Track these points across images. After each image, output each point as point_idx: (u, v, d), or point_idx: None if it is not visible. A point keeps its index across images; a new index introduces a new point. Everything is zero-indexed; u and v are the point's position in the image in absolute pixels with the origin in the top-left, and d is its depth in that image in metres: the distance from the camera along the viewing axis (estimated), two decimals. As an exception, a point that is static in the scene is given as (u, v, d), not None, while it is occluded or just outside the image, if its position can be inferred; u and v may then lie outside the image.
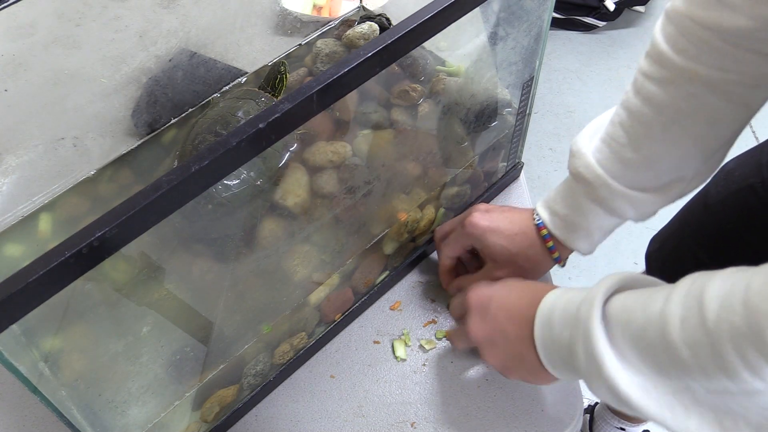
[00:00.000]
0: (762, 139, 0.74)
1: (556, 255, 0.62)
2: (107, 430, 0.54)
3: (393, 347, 0.68)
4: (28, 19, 0.61)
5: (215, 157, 0.38)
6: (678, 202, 0.87)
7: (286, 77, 0.72)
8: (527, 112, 0.74)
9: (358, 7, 0.86)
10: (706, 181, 0.57)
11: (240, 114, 0.67)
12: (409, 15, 0.46)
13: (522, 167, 0.82)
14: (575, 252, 0.63)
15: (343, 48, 0.79)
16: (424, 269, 0.74)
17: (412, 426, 0.63)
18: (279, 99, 0.50)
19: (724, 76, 0.48)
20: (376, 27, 0.78)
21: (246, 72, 0.78)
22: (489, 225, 0.63)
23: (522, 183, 0.82)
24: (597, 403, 1.24)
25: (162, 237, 0.62)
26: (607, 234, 0.61)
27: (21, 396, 0.66)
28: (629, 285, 0.48)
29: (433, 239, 0.72)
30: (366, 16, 0.83)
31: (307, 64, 0.79)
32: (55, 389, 0.50)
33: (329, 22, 0.83)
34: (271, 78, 0.73)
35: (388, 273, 0.71)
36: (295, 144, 0.69)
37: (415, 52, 0.77)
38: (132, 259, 0.57)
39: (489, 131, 0.74)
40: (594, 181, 0.56)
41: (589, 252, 0.62)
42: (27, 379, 0.40)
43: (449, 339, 0.67)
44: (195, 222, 0.63)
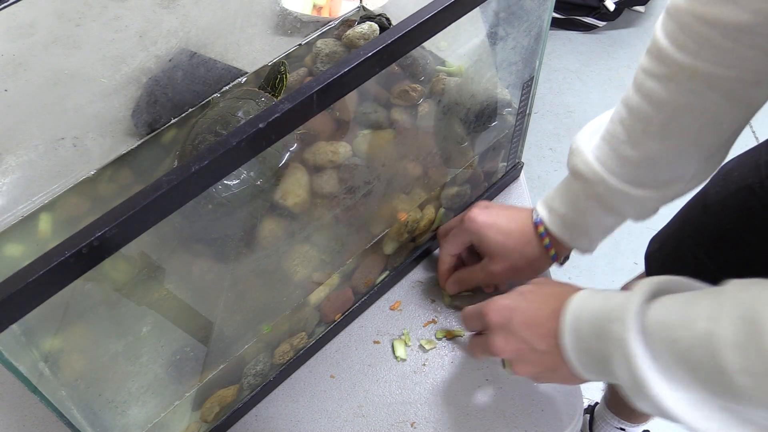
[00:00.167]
0: (762, 139, 0.74)
1: (552, 253, 0.62)
2: (107, 430, 0.54)
3: (393, 347, 0.68)
4: (28, 19, 0.61)
5: (215, 157, 0.38)
6: (677, 202, 0.87)
7: (286, 77, 0.72)
8: (527, 112, 0.74)
9: (358, 7, 0.86)
10: (705, 181, 0.57)
11: (240, 114, 0.67)
12: (409, 15, 0.46)
13: (522, 167, 0.82)
14: (575, 251, 0.63)
15: (343, 48, 0.79)
16: (424, 269, 0.74)
17: (412, 426, 0.63)
18: (279, 99, 0.50)
19: (724, 72, 0.48)
20: (376, 27, 0.78)
21: (246, 72, 0.78)
22: (487, 220, 0.64)
23: (522, 183, 0.83)
24: (597, 403, 1.25)
25: (162, 237, 0.62)
26: (606, 233, 0.61)
27: (21, 396, 0.66)
28: (662, 291, 0.46)
29: (436, 238, 0.72)
30: (366, 16, 0.83)
31: (307, 64, 0.79)
32: (55, 389, 0.50)
33: (329, 22, 0.83)
34: (271, 78, 0.73)
35: (388, 273, 0.71)
36: (295, 144, 0.69)
37: (415, 52, 0.77)
38: (132, 259, 0.57)
39: (489, 131, 0.74)
40: (592, 178, 0.56)
41: (588, 251, 0.62)
42: (27, 379, 0.40)
43: (468, 349, 0.65)
44: (195, 222, 0.63)
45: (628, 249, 1.63)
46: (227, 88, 0.77)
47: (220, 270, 0.63)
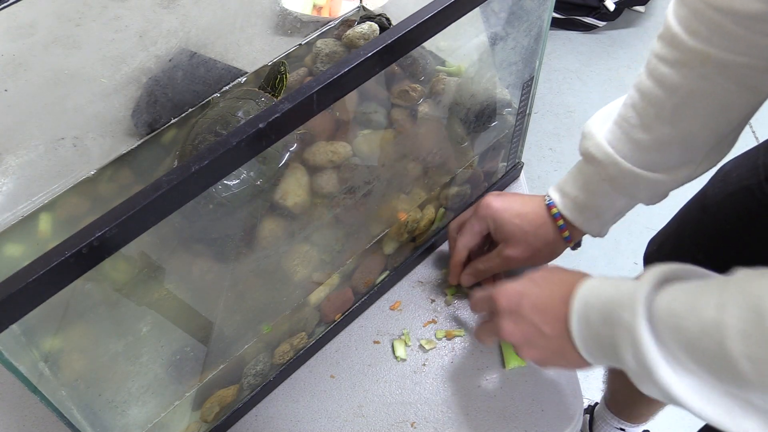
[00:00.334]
0: (762, 139, 0.74)
1: (566, 234, 0.63)
2: (107, 430, 0.54)
3: (393, 347, 0.68)
4: (28, 19, 0.61)
5: (215, 157, 0.38)
6: (677, 202, 0.87)
7: (286, 77, 0.72)
8: (527, 112, 0.74)
9: (358, 7, 0.86)
10: (716, 165, 0.58)
11: (240, 114, 0.67)
12: (409, 15, 0.46)
13: (522, 167, 0.82)
14: (587, 235, 0.63)
15: (343, 48, 0.79)
16: (424, 269, 0.74)
17: (412, 426, 0.63)
18: (279, 99, 0.50)
19: (736, 59, 0.48)
20: (376, 27, 0.78)
21: (246, 72, 0.78)
22: (503, 205, 0.64)
23: (522, 183, 0.83)
24: (597, 403, 1.24)
25: (162, 237, 0.62)
26: (618, 216, 0.62)
27: (21, 396, 0.66)
28: (670, 278, 0.47)
29: (447, 236, 0.72)
30: (366, 16, 0.83)
31: (307, 64, 0.79)
32: (55, 389, 0.50)
33: (329, 22, 0.83)
34: (271, 78, 0.73)
35: (388, 273, 0.71)
36: (295, 144, 0.69)
37: (415, 52, 0.77)
38: (132, 259, 0.57)
39: (489, 131, 0.74)
40: (604, 160, 0.57)
41: (600, 234, 0.63)
42: (27, 379, 0.40)
43: (476, 334, 0.66)
44: (195, 222, 0.63)
45: (628, 249, 1.63)
46: (227, 88, 0.77)
47: (220, 270, 0.63)
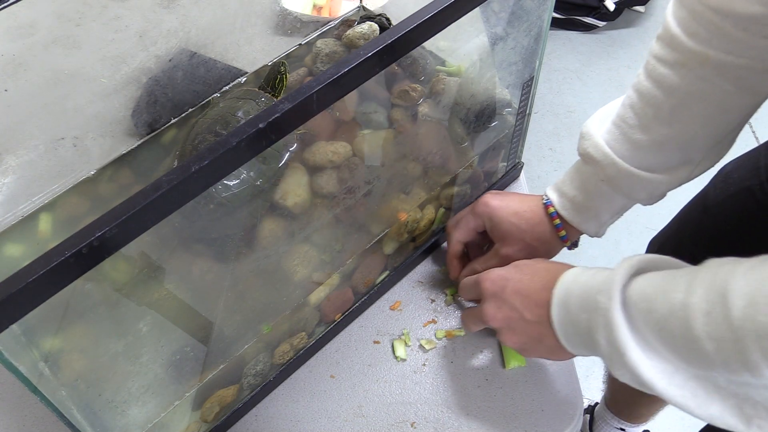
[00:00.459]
0: (762, 140, 0.74)
1: (562, 234, 0.63)
2: (107, 430, 0.54)
3: (393, 347, 0.68)
4: (28, 19, 0.61)
5: (215, 157, 0.38)
6: (677, 203, 0.87)
7: (286, 77, 0.72)
8: (527, 112, 0.74)
9: (358, 7, 0.86)
10: (714, 165, 0.58)
11: (240, 114, 0.67)
12: (409, 15, 0.46)
13: (522, 167, 0.82)
14: (584, 235, 0.63)
15: (343, 48, 0.79)
16: (424, 269, 0.74)
17: (412, 426, 0.63)
18: (279, 99, 0.50)
19: (735, 61, 0.49)
20: (376, 27, 0.78)
21: (246, 72, 0.78)
22: (499, 203, 0.65)
23: (522, 183, 0.83)
24: (597, 403, 1.24)
25: (162, 237, 0.62)
26: (615, 216, 0.62)
27: (21, 396, 0.66)
28: (647, 268, 0.48)
29: (445, 231, 0.72)
30: (366, 16, 0.83)
31: (307, 64, 0.79)
32: (55, 389, 0.50)
33: (329, 22, 0.83)
34: (271, 78, 0.73)
35: (388, 273, 0.71)
36: (295, 144, 0.69)
37: (415, 52, 0.77)
38: (132, 259, 0.57)
39: (489, 131, 0.74)
40: (602, 161, 0.57)
41: (597, 235, 0.63)
42: (27, 379, 0.40)
43: (462, 321, 0.66)
44: (195, 222, 0.63)
45: (628, 249, 1.63)
46: (227, 88, 0.77)
47: (220, 270, 0.63)
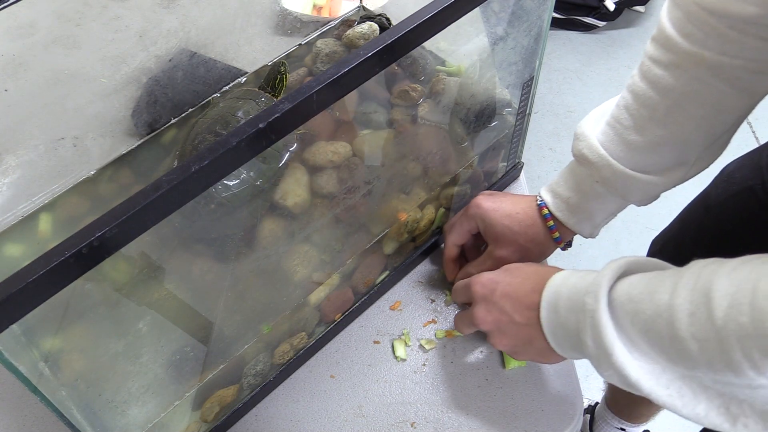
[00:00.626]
0: (762, 140, 0.74)
1: (556, 235, 0.63)
2: (107, 430, 0.54)
3: (393, 347, 0.68)
4: (28, 19, 0.61)
5: (215, 157, 0.38)
6: (677, 203, 0.87)
7: (286, 77, 0.72)
8: (527, 112, 0.74)
9: (358, 7, 0.86)
10: (708, 167, 0.58)
11: (240, 114, 0.67)
12: (409, 15, 0.46)
13: (522, 167, 0.82)
14: (578, 236, 0.63)
15: (343, 48, 0.79)
16: (424, 269, 0.74)
17: (412, 426, 0.63)
18: (279, 99, 0.50)
19: (729, 61, 0.48)
20: (376, 27, 0.78)
21: (246, 72, 0.78)
22: (492, 205, 0.65)
23: (522, 183, 0.83)
24: (597, 403, 1.24)
25: (162, 237, 0.62)
26: (610, 217, 0.62)
27: (21, 396, 0.66)
28: (633, 269, 0.48)
29: (441, 235, 0.72)
30: (366, 16, 0.83)
31: (307, 64, 0.79)
32: (55, 389, 0.50)
33: (329, 22, 0.83)
34: (271, 78, 0.73)
35: (388, 273, 0.71)
36: (295, 144, 0.69)
37: (415, 52, 0.77)
38: (132, 259, 0.57)
39: (489, 131, 0.74)
40: (597, 162, 0.57)
41: (591, 235, 0.63)
42: (27, 379, 0.40)
43: (455, 323, 0.67)
44: (195, 222, 0.63)
45: (628, 249, 1.63)
46: (227, 88, 0.77)
47: (220, 270, 0.63)
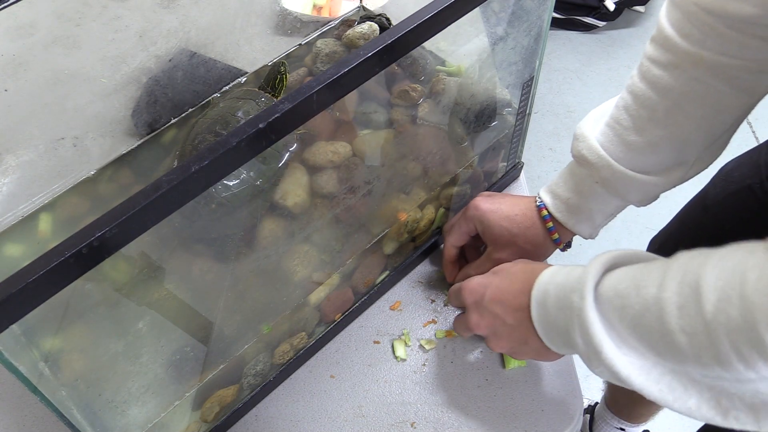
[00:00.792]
0: (762, 140, 0.74)
1: (555, 236, 0.63)
2: (107, 430, 0.54)
3: (393, 347, 0.68)
4: (28, 19, 0.61)
5: (215, 157, 0.38)
6: (677, 202, 0.87)
7: (286, 77, 0.72)
8: (527, 112, 0.74)
9: (358, 7, 0.86)
10: (707, 167, 0.58)
11: (240, 114, 0.67)
12: (409, 15, 0.46)
13: (522, 167, 0.82)
14: (578, 237, 0.63)
15: (343, 48, 0.79)
16: (424, 269, 0.74)
17: (412, 426, 0.63)
18: (279, 99, 0.50)
19: (728, 61, 0.48)
20: (376, 27, 0.78)
21: (246, 72, 0.78)
22: (490, 206, 0.64)
23: (522, 183, 0.83)
24: (597, 403, 1.24)
25: (162, 237, 0.62)
26: (609, 218, 0.62)
27: (21, 396, 0.66)
28: (619, 263, 0.48)
29: (440, 236, 0.72)
30: (366, 16, 0.83)
31: (307, 64, 0.79)
32: (55, 389, 0.50)
33: (329, 22, 0.83)
34: (271, 78, 0.73)
35: (388, 273, 0.71)
36: (295, 144, 0.69)
37: (415, 52, 0.77)
38: (132, 259, 0.57)
39: (489, 131, 0.74)
40: (596, 163, 0.57)
41: (591, 236, 0.63)
42: (27, 379, 0.40)
43: (454, 327, 0.67)
44: (195, 222, 0.63)
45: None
46: (227, 88, 0.77)
47: (220, 270, 0.63)
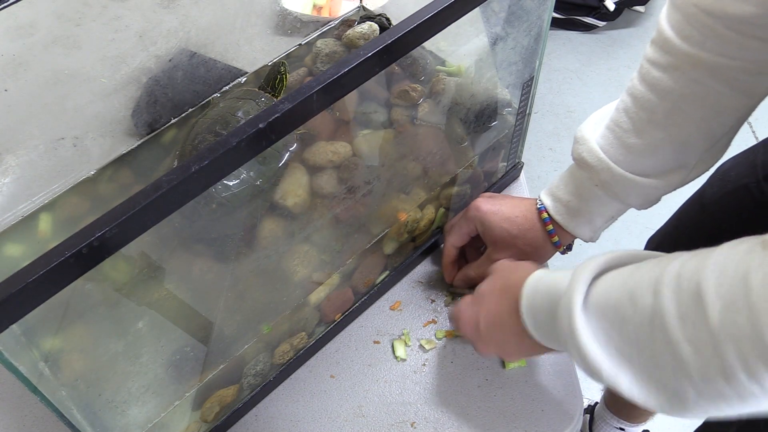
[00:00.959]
0: (762, 139, 0.74)
1: (555, 239, 0.63)
2: (107, 430, 0.54)
3: (393, 347, 0.68)
4: (28, 19, 0.61)
5: (215, 157, 0.38)
6: (675, 201, 0.87)
7: (286, 77, 0.72)
8: (527, 112, 0.74)
9: (358, 7, 0.86)
10: (708, 170, 0.58)
11: (240, 114, 0.67)
12: (409, 15, 0.46)
13: (522, 167, 0.82)
14: (578, 240, 0.63)
15: (343, 48, 0.79)
16: (424, 269, 0.74)
17: (412, 426, 0.63)
18: (279, 99, 0.50)
19: (728, 62, 0.48)
20: (376, 27, 0.78)
21: (246, 72, 0.78)
22: (491, 208, 0.64)
23: (522, 183, 0.83)
24: (597, 403, 1.24)
25: (162, 237, 0.62)
26: (609, 221, 0.61)
27: (21, 396, 0.66)
28: (603, 271, 0.46)
29: (441, 235, 0.72)
30: (366, 16, 0.83)
31: (307, 64, 0.79)
32: (55, 389, 0.50)
33: (329, 22, 0.83)
34: (271, 78, 0.73)
35: (388, 273, 0.71)
36: (295, 144, 0.69)
37: (415, 52, 0.77)
38: (132, 259, 0.57)
39: (489, 131, 0.74)
40: (596, 166, 0.57)
41: (591, 239, 0.62)
42: (27, 379, 0.40)
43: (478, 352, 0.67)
44: (195, 222, 0.63)
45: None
46: (227, 88, 0.77)
47: (220, 270, 0.63)
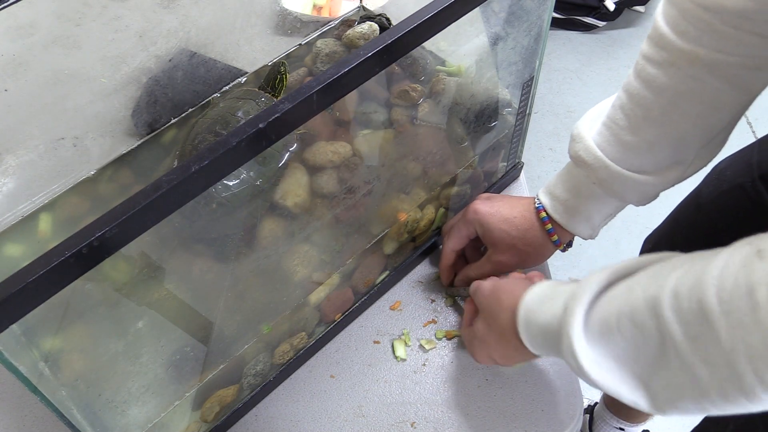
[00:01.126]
0: (757, 139, 0.74)
1: (555, 238, 0.63)
2: (107, 430, 0.54)
3: (393, 347, 0.68)
4: (28, 19, 0.61)
5: (215, 157, 0.38)
6: (675, 201, 0.87)
7: (286, 77, 0.72)
8: (527, 112, 0.74)
9: (358, 7, 0.86)
10: (706, 165, 0.57)
11: (240, 114, 0.67)
12: (409, 15, 0.46)
13: (522, 167, 0.82)
14: (577, 238, 0.63)
15: (343, 48, 0.79)
16: (424, 269, 0.74)
17: (412, 426, 0.63)
18: (279, 99, 0.50)
19: (724, 58, 0.48)
20: (376, 27, 0.78)
21: (246, 72, 0.78)
22: (490, 210, 0.64)
23: (522, 183, 0.83)
24: (597, 403, 1.24)
25: (162, 237, 0.62)
26: (608, 218, 0.62)
27: (21, 396, 0.66)
28: (596, 297, 0.46)
29: (440, 236, 0.72)
30: (366, 16, 0.83)
31: (307, 64, 0.79)
32: (55, 389, 0.50)
33: (329, 22, 0.83)
34: (271, 78, 0.73)
35: (388, 273, 0.71)
36: (295, 144, 0.69)
37: (415, 52, 0.77)
38: (132, 259, 0.57)
39: (489, 131, 0.74)
40: (593, 163, 0.57)
41: (590, 237, 0.62)
42: (27, 379, 0.40)
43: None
44: (195, 222, 0.63)
45: (628, 249, 1.63)
46: (227, 88, 0.77)
47: (220, 270, 0.63)
